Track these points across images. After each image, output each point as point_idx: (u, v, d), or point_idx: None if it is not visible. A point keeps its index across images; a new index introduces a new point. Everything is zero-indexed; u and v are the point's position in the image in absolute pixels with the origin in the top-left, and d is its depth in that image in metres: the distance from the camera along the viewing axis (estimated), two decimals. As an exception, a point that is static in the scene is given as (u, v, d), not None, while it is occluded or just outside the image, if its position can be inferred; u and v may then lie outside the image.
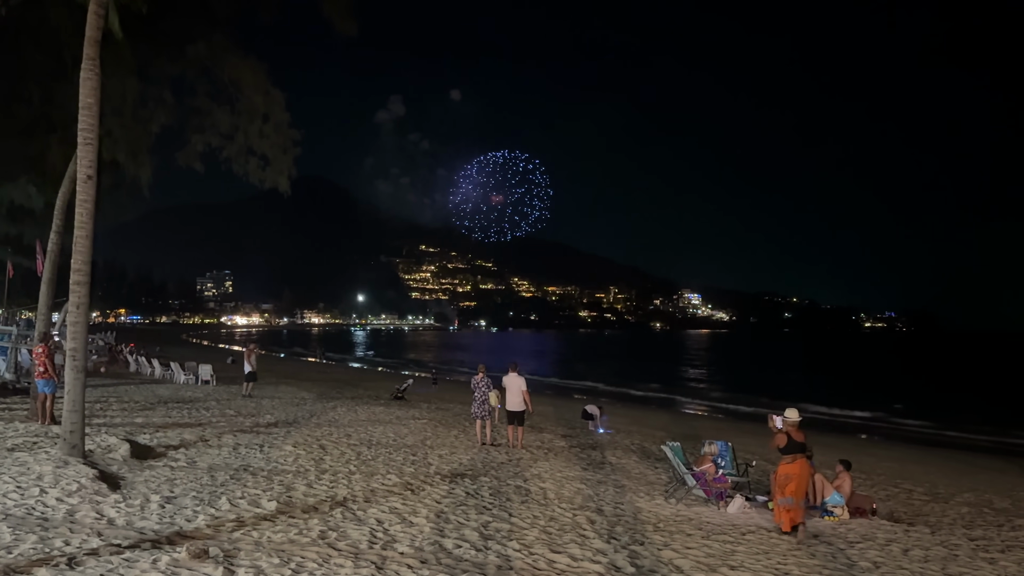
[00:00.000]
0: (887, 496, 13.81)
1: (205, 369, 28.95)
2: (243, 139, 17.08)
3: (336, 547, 7.22)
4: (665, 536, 9.00)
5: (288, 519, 8.20)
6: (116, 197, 20.94)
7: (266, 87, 16.72)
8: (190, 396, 22.43)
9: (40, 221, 20.01)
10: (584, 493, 11.51)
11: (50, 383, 14.00)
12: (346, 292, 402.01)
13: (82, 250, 10.72)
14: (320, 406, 21.56)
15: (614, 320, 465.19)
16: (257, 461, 11.78)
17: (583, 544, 8.20)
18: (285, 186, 17.81)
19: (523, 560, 7.33)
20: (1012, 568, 8.61)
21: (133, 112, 16.18)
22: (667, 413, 34.67)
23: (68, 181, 14.75)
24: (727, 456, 13.35)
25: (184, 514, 8.07)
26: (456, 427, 18.48)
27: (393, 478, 11.23)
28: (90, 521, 7.52)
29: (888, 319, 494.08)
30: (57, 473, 9.38)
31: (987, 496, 14.78)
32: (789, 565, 8.05)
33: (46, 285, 15.06)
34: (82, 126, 10.71)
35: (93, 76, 10.70)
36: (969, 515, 12.43)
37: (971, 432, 30.94)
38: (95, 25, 10.76)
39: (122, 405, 18.93)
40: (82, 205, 10.69)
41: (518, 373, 16.31)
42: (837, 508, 11.18)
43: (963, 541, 10.05)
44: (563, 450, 16.35)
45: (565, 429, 20.80)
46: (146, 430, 14.38)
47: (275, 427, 16.11)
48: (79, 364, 10.76)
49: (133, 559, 6.28)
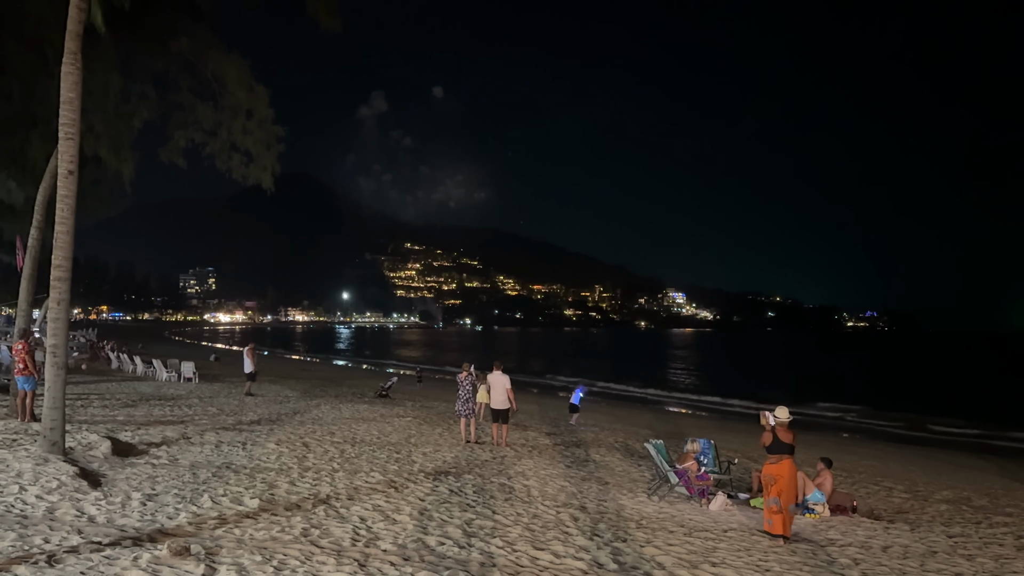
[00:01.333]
0: (867, 494, 13.94)
1: (187, 366, 28.74)
2: (226, 135, 16.95)
3: (319, 544, 7.20)
4: (647, 533, 9.04)
5: (270, 517, 8.16)
6: (98, 192, 20.74)
7: (249, 83, 16.61)
8: (172, 393, 22.28)
9: (20, 216, 19.79)
10: (567, 490, 11.55)
11: (30, 380, 13.85)
12: (330, 290, 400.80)
13: (63, 246, 10.61)
14: (304, 404, 21.48)
15: (599, 319, 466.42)
16: (240, 459, 11.71)
17: (566, 541, 8.22)
18: (269, 183, 17.73)
19: (506, 557, 7.34)
20: (989, 565, 8.72)
21: (115, 107, 16.04)
22: (650, 411, 34.81)
23: (49, 176, 14.60)
24: (709, 454, 13.45)
25: (166, 512, 8.01)
26: (440, 425, 18.47)
27: (377, 476, 11.20)
28: (70, 519, 7.45)
29: (869, 319, 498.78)
30: (37, 470, 9.29)
31: (966, 494, 14.96)
32: (770, 562, 8.11)
33: (26, 281, 14.90)
34: (63, 121, 10.60)
35: (75, 71, 10.59)
36: (948, 512, 12.57)
37: (951, 430, 31.32)
38: (77, 19, 10.65)
39: (103, 402, 18.76)
40: (63, 200, 10.57)
41: (503, 372, 16.38)
42: (818, 505, 11.29)
43: (942, 538, 10.17)
44: (547, 448, 16.39)
45: (549, 427, 20.84)
46: (128, 427, 14.27)
47: (258, 425, 16.03)
48: (60, 361, 10.65)
49: (113, 556, 6.23)
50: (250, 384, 23.48)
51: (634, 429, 23.12)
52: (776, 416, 9.54)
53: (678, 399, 44.84)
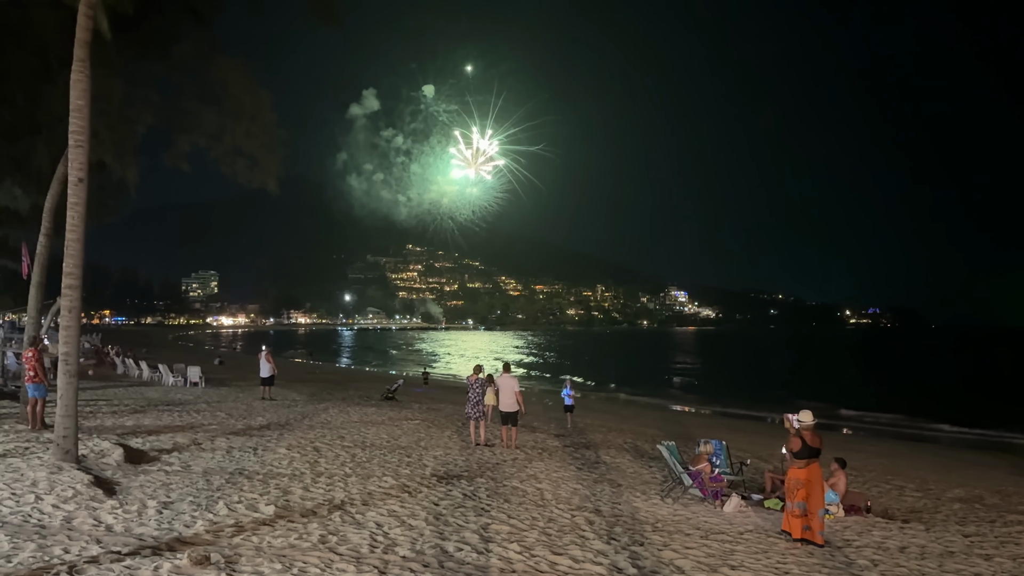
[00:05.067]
0: (879, 493, 13.91)
1: (194, 371, 28.73)
2: (230, 139, 16.95)
3: (337, 551, 7.18)
4: (664, 536, 9.02)
5: (287, 523, 8.15)
6: (102, 198, 20.74)
7: (253, 87, 16.63)
8: (180, 398, 22.27)
9: (26, 223, 19.81)
10: (581, 493, 11.52)
11: (40, 387, 13.84)
12: (333, 292, 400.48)
13: (74, 253, 10.60)
14: (311, 408, 21.46)
15: (601, 318, 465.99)
16: (252, 464, 11.70)
17: (583, 545, 8.19)
18: (273, 186, 17.73)
19: (525, 563, 7.32)
20: (1008, 564, 8.68)
21: (119, 113, 16.02)
22: (657, 411, 34.79)
23: (57, 183, 14.61)
24: (722, 455, 13.41)
25: (182, 520, 8.00)
26: (449, 428, 18.44)
27: (389, 480, 11.18)
28: (88, 528, 7.44)
29: (872, 315, 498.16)
30: (52, 479, 9.28)
31: (977, 491, 14.90)
32: (789, 564, 8.08)
33: (35, 288, 14.90)
34: (73, 128, 10.58)
35: (84, 78, 10.57)
36: (961, 511, 12.53)
37: (958, 426, 31.27)
38: (85, 26, 10.63)
39: (111, 408, 18.76)
40: (74, 208, 10.56)
41: (511, 374, 16.41)
42: (832, 506, 11.24)
43: (957, 538, 10.13)
44: (557, 450, 16.36)
45: (557, 428, 20.83)
46: (138, 434, 14.26)
47: (267, 429, 16.02)
48: (71, 368, 10.64)
49: (134, 566, 6.22)
50: (267, 389, 23.44)
51: (641, 430, 23.09)
52: (800, 420, 9.46)
53: (683, 399, 44.80)
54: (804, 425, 9.40)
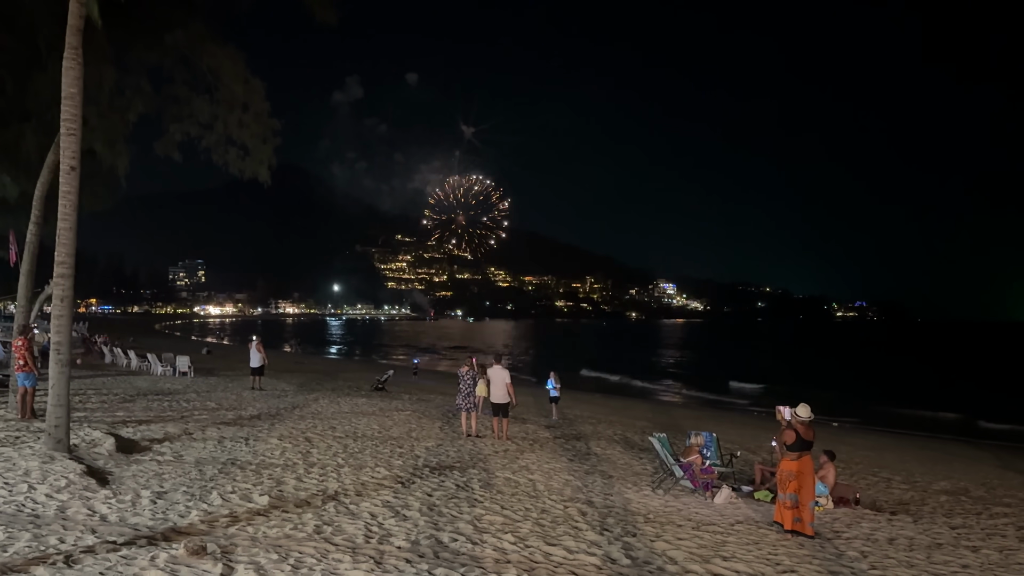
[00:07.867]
0: (867, 485, 14.06)
1: (183, 360, 28.65)
2: (222, 128, 16.85)
3: (333, 542, 7.21)
4: (656, 527, 9.09)
5: (281, 513, 8.16)
6: (92, 187, 20.57)
7: (245, 76, 16.52)
8: (169, 388, 22.20)
9: (14, 211, 19.62)
10: (573, 484, 11.59)
11: (30, 376, 13.77)
12: (321, 282, 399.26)
13: (66, 242, 10.54)
14: (302, 398, 21.44)
15: (590, 310, 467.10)
16: (244, 455, 11.70)
17: (577, 536, 8.25)
18: (265, 176, 17.64)
19: (520, 553, 7.37)
20: (994, 556, 8.82)
21: (110, 101, 15.90)
22: (645, 403, 34.95)
23: (47, 171, 14.48)
24: (712, 447, 13.52)
25: (176, 509, 8.00)
26: (440, 419, 18.48)
27: (382, 471, 11.21)
28: (82, 518, 7.43)
29: (859, 308, 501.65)
30: (44, 469, 9.26)
31: (963, 484, 15.10)
32: (780, 555, 8.17)
33: (25, 277, 14.79)
34: (65, 116, 10.51)
35: (76, 66, 10.50)
36: (948, 503, 12.70)
37: (942, 419, 31.60)
38: (77, 14, 10.55)
39: (101, 398, 18.69)
40: (65, 196, 10.49)
41: (502, 366, 16.47)
42: (821, 498, 11.35)
43: (945, 530, 10.27)
44: (548, 441, 16.43)
45: (548, 420, 20.90)
46: (129, 423, 14.22)
47: (258, 420, 16.00)
48: (63, 358, 10.60)
49: (131, 556, 6.22)
50: (258, 379, 23.36)
51: (631, 421, 23.22)
52: (798, 414, 9.54)
53: (672, 391, 45.05)
54: (801, 419, 9.49)
